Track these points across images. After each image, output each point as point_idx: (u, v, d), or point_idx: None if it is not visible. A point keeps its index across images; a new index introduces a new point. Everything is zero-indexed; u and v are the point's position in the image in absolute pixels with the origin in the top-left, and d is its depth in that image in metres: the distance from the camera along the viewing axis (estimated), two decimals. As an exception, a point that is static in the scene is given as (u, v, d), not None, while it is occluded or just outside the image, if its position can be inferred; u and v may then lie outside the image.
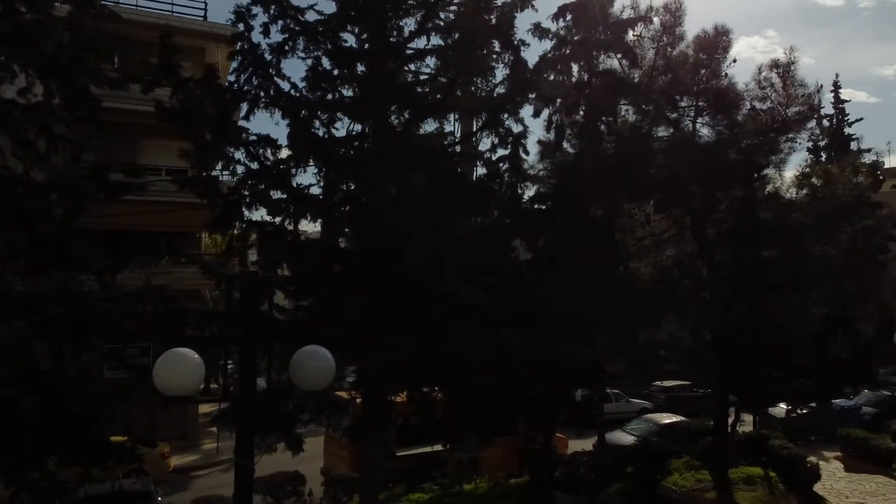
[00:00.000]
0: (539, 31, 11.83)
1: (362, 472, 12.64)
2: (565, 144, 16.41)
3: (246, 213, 11.34)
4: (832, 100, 48.55)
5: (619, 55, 15.11)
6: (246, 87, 11.21)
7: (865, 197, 17.23)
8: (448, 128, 12.62)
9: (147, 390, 9.82)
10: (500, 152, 12.07)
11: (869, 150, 43.97)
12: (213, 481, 20.31)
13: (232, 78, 11.47)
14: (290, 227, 11.56)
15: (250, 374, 5.79)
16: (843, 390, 22.60)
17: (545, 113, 12.76)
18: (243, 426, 5.86)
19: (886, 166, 42.12)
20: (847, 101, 49.78)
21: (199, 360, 5.55)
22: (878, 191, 23.75)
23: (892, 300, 20.73)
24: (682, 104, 16.60)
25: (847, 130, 47.87)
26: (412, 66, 12.30)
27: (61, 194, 11.33)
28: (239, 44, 11.20)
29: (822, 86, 16.98)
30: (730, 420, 17.82)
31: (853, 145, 43.77)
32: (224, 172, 11.84)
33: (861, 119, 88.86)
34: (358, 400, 12.77)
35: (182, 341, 8.87)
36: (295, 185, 11.52)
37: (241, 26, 11.18)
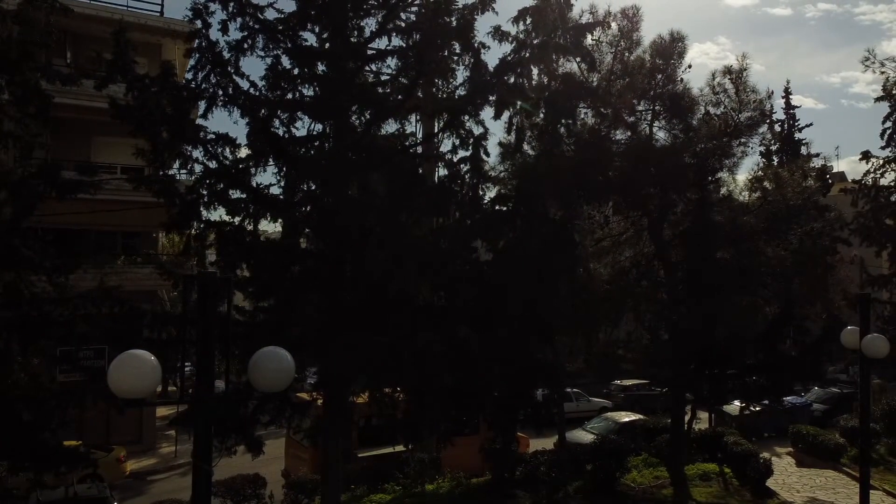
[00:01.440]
0: (499, 34, 11.88)
1: (323, 474, 12.57)
2: (526, 146, 16.57)
3: (204, 212, 11.21)
4: (783, 105, 49.87)
5: (577, 59, 15.31)
6: (204, 85, 11.06)
7: (814, 200, 17.83)
8: (409, 129, 12.65)
9: (102, 394, 9.64)
10: (461, 154, 12.14)
11: (818, 155, 45.51)
12: (170, 485, 19.94)
13: (189, 75, 11.32)
14: (250, 228, 11.45)
15: (208, 376, 5.71)
16: (794, 387, 23.32)
17: (506, 115, 12.84)
18: (201, 429, 5.78)
19: (834, 171, 43.70)
20: (797, 106, 51.39)
21: (156, 362, 5.46)
22: (826, 194, 24.62)
23: (839, 300, 21.48)
24: (640, 108, 16.95)
25: (797, 135, 49.22)
26: (373, 67, 12.29)
27: (10, 192, 11.04)
28: (196, 41, 11.04)
29: (772, 92, 17.50)
30: (686, 418, 18.21)
31: (803, 150, 45.10)
32: (181, 171, 11.67)
33: (811, 124, 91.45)
34: (319, 401, 12.70)
35: (138, 343, 8.73)
36: (254, 185, 11.41)
37: (198, 23, 11.04)
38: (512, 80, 12.12)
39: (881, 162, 24.30)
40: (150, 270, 19.45)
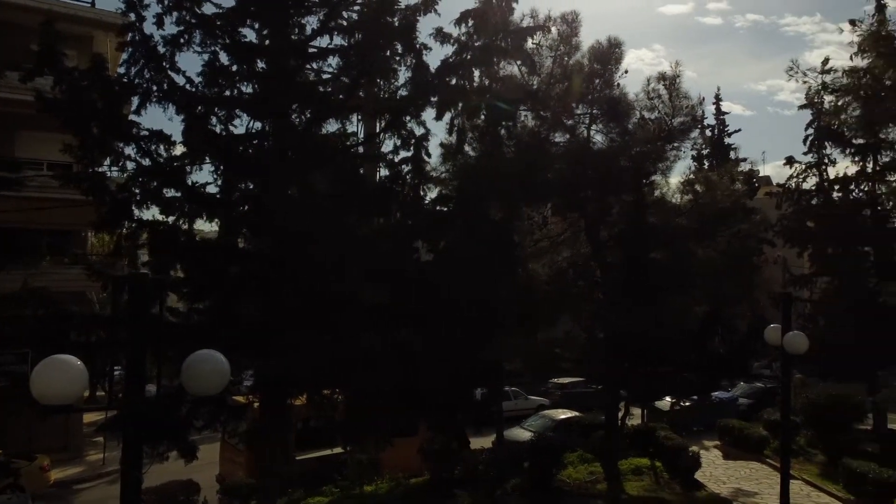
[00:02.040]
0: (441, 35, 11.95)
1: (259, 478, 12.37)
2: (467, 148, 16.70)
3: (136, 211, 10.88)
4: (714, 111, 51.75)
5: (518, 62, 15.53)
6: (137, 80, 10.74)
7: (742, 203, 18.58)
8: (351, 128, 12.59)
9: (24, 400, 9.22)
10: (403, 154, 12.16)
11: (745, 160, 47.34)
12: (98, 494, 19.26)
13: (122, 70, 10.96)
14: (185, 227, 11.17)
15: (138, 380, 5.56)
16: (722, 383, 24.22)
17: (447, 116, 12.91)
18: (131, 435, 5.62)
19: (761, 174, 45.58)
20: (727, 113, 53.32)
21: (82, 366, 5.27)
22: (753, 197, 25.68)
23: (764, 299, 22.44)
24: (578, 112, 17.31)
25: (727, 140, 51.18)
26: (314, 65, 12.19)
27: (-75, 188, 10.45)
28: (130, 34, 10.71)
29: (704, 98, 18.15)
30: (620, 414, 18.67)
31: (732, 155, 46.89)
32: (113, 168, 11.28)
33: (739, 130, 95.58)
34: (256, 404, 12.48)
35: (65, 347, 8.40)
36: (190, 184, 11.14)
37: (132, 16, 10.71)
38: (454, 81, 12.20)
39: (804, 167, 25.48)
40: (78, 271, 18.71)
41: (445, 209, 13.41)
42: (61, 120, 10.05)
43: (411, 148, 12.05)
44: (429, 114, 12.23)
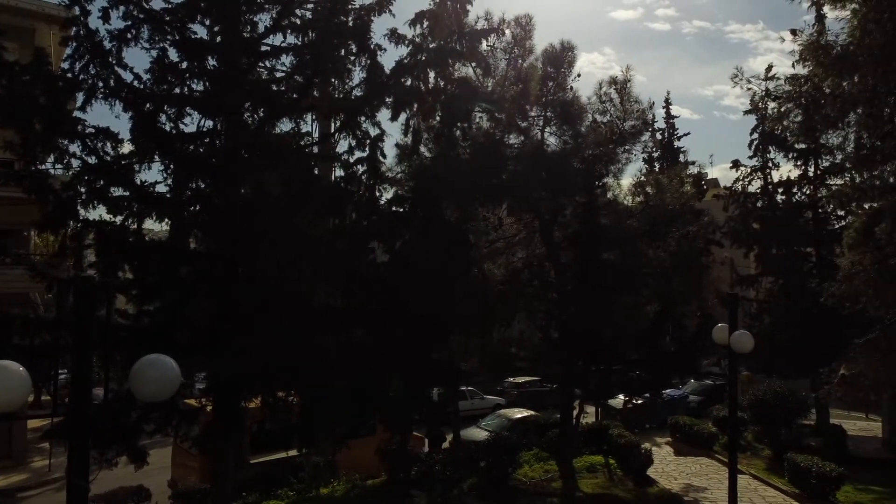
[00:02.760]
0: (396, 36, 11.94)
1: (213, 483, 12.17)
2: (422, 148, 16.73)
3: (82, 211, 10.56)
4: (664, 115, 52.91)
5: (473, 64, 15.63)
6: (82, 76, 10.43)
7: (690, 205, 19.10)
8: (305, 128, 12.47)
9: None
10: (358, 154, 12.11)
11: (694, 163, 48.45)
12: (43, 501, 18.67)
13: (66, 65, 10.63)
14: (134, 227, 10.90)
15: (84, 385, 5.40)
16: (672, 380, 24.83)
17: (402, 117, 12.92)
18: (77, 442, 5.47)
19: (709, 177, 46.80)
20: (676, 116, 54.47)
21: (24, 373, 5.08)
22: (701, 200, 26.35)
23: (712, 299, 23.08)
24: (532, 114, 17.51)
25: (676, 144, 52.34)
26: (267, 64, 12.03)
27: None
28: (74, 28, 10.41)
29: (653, 102, 18.59)
30: (575, 412, 18.93)
31: (681, 157, 47.95)
32: (57, 166, 10.94)
33: (688, 133, 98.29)
34: (209, 407, 12.27)
35: (6, 351, 8.12)
36: (138, 183, 10.88)
37: (76, 9, 10.40)
38: (409, 82, 12.21)
39: (749, 170, 26.29)
40: (21, 272, 18.08)
41: (401, 210, 13.41)
42: (2, 116, 9.72)
43: (366, 148, 12.01)
44: (384, 114, 12.22)
